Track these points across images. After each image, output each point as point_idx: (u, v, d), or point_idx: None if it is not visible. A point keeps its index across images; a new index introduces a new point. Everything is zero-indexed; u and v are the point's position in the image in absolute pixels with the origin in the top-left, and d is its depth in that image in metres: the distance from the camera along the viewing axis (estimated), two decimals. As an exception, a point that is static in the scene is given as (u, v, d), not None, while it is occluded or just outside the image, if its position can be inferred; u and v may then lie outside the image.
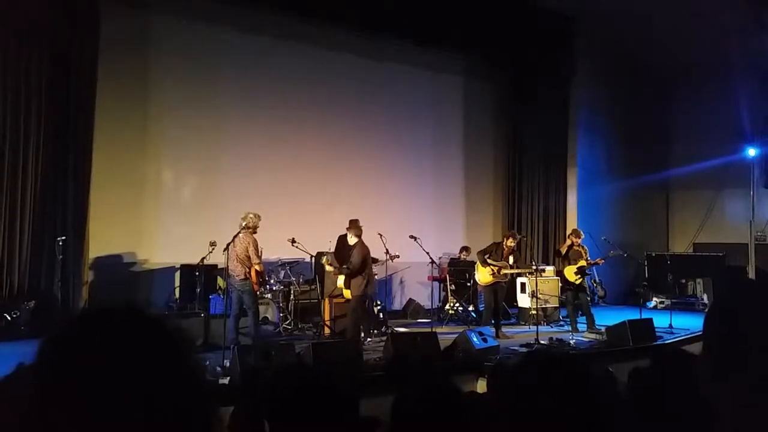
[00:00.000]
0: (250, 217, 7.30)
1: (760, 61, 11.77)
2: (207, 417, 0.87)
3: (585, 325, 9.12)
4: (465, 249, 10.95)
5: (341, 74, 10.88)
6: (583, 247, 9.39)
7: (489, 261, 8.89)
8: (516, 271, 9.25)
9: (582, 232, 9.59)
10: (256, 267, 7.30)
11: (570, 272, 9.24)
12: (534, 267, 9.47)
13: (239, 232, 7.21)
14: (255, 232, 7.34)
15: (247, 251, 7.23)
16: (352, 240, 7.97)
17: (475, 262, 9.28)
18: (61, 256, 7.71)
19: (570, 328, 9.21)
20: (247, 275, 7.25)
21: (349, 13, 9.97)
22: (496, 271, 8.85)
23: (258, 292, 7.61)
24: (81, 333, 0.85)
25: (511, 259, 8.98)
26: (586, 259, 9.25)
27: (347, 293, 8.00)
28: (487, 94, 12.86)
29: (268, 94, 10.22)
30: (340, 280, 7.99)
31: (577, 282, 9.18)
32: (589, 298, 9.67)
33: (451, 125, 12.34)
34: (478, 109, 12.66)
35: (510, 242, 9.01)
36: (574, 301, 9.26)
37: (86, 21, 8.25)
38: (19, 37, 7.83)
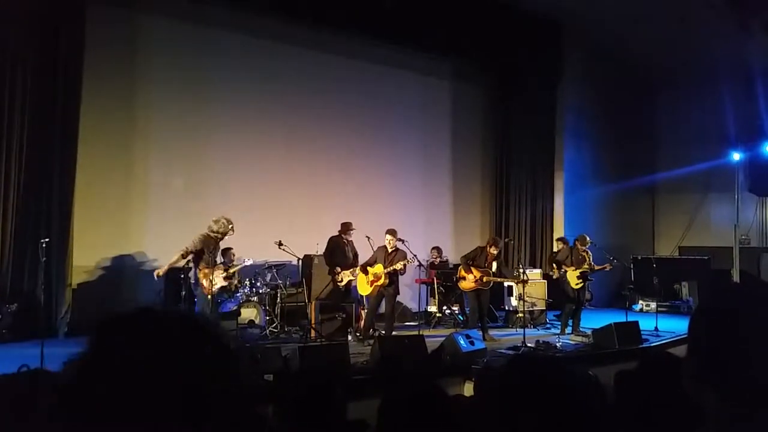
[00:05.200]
0: (222, 222, 7.19)
1: (744, 66, 11.89)
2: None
3: (570, 327, 9.19)
4: (436, 249, 10.95)
5: (329, 77, 10.86)
6: (587, 252, 9.42)
7: (473, 269, 8.92)
8: (500, 280, 9.27)
9: (588, 238, 9.56)
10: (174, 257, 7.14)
11: (573, 277, 9.26)
12: (519, 273, 9.48)
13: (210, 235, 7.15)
14: (221, 238, 7.22)
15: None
16: (391, 245, 8.42)
17: (452, 264, 9.34)
18: (44, 258, 7.60)
19: (557, 331, 9.27)
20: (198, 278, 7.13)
21: (337, 16, 9.96)
22: (478, 277, 8.88)
23: (208, 295, 7.17)
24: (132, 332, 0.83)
25: (494, 267, 9.01)
26: (590, 264, 9.28)
27: (367, 290, 8.41)
28: (475, 97, 12.91)
29: (255, 95, 10.19)
30: (384, 278, 8.24)
31: (577, 287, 9.20)
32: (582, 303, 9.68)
33: (440, 128, 12.36)
34: (466, 113, 12.70)
35: (493, 250, 9.02)
36: (573, 304, 9.27)
37: (71, 21, 8.17)
38: (2, 37, 7.74)
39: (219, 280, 7.20)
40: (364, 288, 8.44)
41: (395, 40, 10.87)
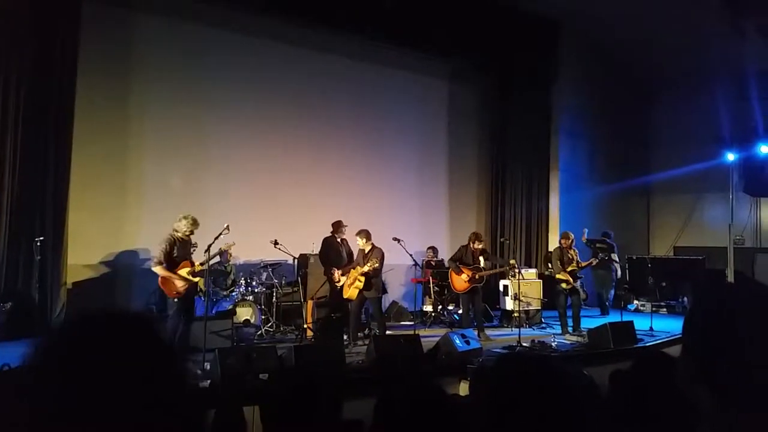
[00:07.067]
0: (185, 222, 6.86)
1: (739, 67, 11.93)
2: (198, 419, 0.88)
3: (571, 327, 9.20)
4: (432, 248, 10.96)
5: (325, 76, 10.86)
6: (574, 250, 9.47)
7: (463, 268, 8.91)
8: (491, 272, 9.29)
9: (571, 235, 9.61)
10: (152, 265, 6.84)
11: (562, 278, 9.28)
12: (511, 263, 9.50)
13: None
14: (185, 237, 6.93)
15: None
16: (366, 246, 8.27)
17: (447, 264, 9.38)
18: (39, 257, 7.59)
19: (553, 331, 9.30)
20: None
21: (335, 16, 9.95)
22: (471, 275, 8.87)
23: (175, 299, 6.82)
24: (74, 335, 0.84)
25: (482, 261, 9.03)
26: (577, 261, 9.32)
27: (347, 293, 8.20)
28: (472, 97, 12.91)
29: (251, 95, 10.17)
30: (359, 281, 8.08)
31: (568, 287, 9.22)
32: (581, 302, 9.67)
33: (436, 128, 12.37)
34: (463, 113, 12.71)
35: (477, 245, 9.03)
36: (565, 304, 9.30)
37: (67, 20, 8.15)
38: (-3, 34, 7.72)
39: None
40: (345, 291, 8.33)
41: (393, 40, 10.87)
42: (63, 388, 0.78)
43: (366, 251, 8.29)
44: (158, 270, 6.72)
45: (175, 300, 6.86)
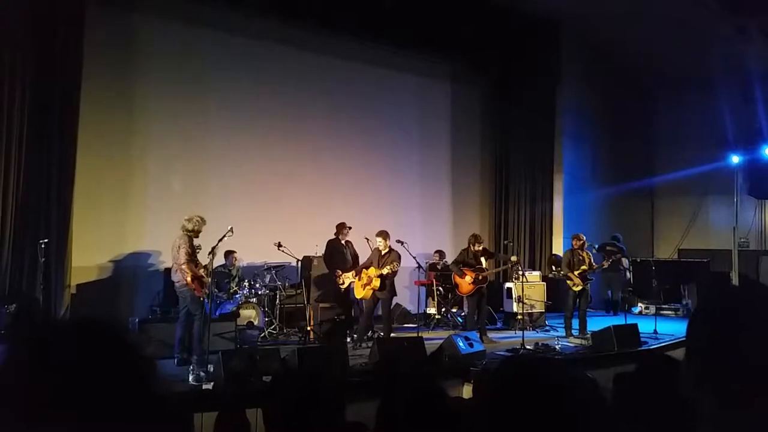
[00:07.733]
0: (196, 221, 6.94)
1: (743, 69, 11.91)
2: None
3: (577, 330, 9.16)
4: (438, 252, 10.97)
5: (328, 78, 10.87)
6: (586, 252, 9.44)
7: (466, 271, 8.89)
8: (494, 271, 9.27)
9: (582, 236, 9.56)
10: (184, 268, 6.82)
11: (568, 281, 9.25)
12: (513, 260, 9.50)
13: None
14: (197, 236, 7.02)
15: (179, 254, 6.87)
16: (384, 247, 8.30)
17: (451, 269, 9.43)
18: (43, 259, 7.61)
19: (557, 333, 9.27)
20: (186, 281, 6.85)
21: (336, 17, 9.97)
22: (474, 277, 8.86)
23: (202, 297, 6.93)
24: (46, 344, 0.85)
25: (484, 261, 9.03)
26: (589, 263, 9.29)
27: (361, 293, 8.30)
28: (474, 99, 12.91)
29: (254, 97, 10.19)
30: (375, 282, 8.14)
31: (577, 288, 9.19)
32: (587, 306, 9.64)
33: (438, 130, 12.37)
34: (465, 114, 12.70)
35: (477, 247, 9.03)
36: (572, 307, 9.27)
37: (71, 22, 8.17)
38: (1, 38, 7.74)
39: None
40: (358, 291, 8.41)
41: (394, 42, 10.88)
42: (29, 394, 0.78)
43: (383, 252, 8.31)
44: (189, 269, 6.80)
45: (202, 299, 6.91)
